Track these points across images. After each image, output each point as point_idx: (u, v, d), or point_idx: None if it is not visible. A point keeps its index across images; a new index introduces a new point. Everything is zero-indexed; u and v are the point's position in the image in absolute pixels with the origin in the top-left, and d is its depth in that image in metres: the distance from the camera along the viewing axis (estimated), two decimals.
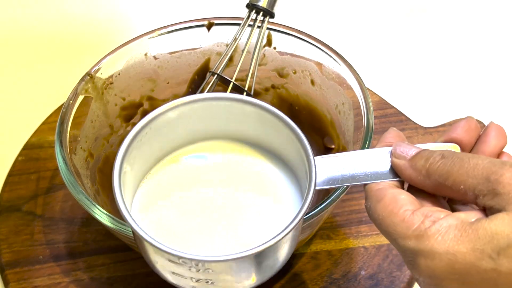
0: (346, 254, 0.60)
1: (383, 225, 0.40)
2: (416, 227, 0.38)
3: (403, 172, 0.41)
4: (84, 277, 0.59)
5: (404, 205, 0.39)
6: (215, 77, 0.59)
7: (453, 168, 0.39)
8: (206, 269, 0.40)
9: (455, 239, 0.37)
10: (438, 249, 0.37)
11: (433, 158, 0.40)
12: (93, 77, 0.59)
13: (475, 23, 0.83)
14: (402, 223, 0.39)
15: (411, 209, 0.39)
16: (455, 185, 0.39)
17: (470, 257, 0.36)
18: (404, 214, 0.39)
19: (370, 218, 0.41)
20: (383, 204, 0.40)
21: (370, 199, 0.41)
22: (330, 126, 0.62)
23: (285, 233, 0.39)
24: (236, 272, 0.41)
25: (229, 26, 0.62)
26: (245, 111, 0.45)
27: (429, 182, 0.40)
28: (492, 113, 0.73)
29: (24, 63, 0.81)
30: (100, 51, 0.61)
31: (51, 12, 0.87)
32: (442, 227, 0.37)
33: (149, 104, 0.65)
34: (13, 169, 0.67)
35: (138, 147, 0.44)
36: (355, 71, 0.58)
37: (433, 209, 0.39)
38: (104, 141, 0.61)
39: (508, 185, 0.37)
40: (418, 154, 0.41)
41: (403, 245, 0.39)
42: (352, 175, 0.42)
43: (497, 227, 0.36)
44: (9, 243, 0.61)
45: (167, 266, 0.41)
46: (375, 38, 0.83)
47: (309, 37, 0.61)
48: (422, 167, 0.40)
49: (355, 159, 0.43)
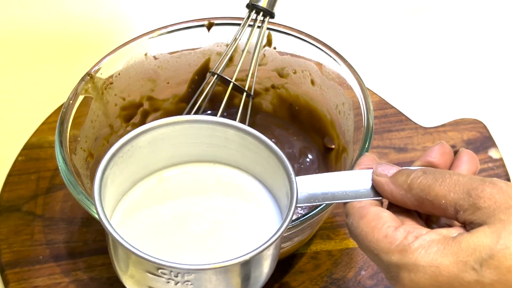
0: (346, 254, 0.60)
1: (365, 240, 0.40)
2: (399, 242, 0.39)
3: (385, 188, 0.42)
4: (84, 277, 0.59)
5: (387, 222, 0.40)
6: (215, 77, 0.59)
7: (435, 183, 0.40)
8: (185, 281, 0.39)
9: (438, 252, 0.37)
10: (422, 262, 0.37)
11: (414, 174, 0.41)
12: (93, 77, 0.59)
13: (475, 23, 0.83)
14: (385, 238, 0.39)
15: (393, 226, 0.40)
16: (436, 199, 0.39)
17: (453, 269, 0.37)
18: (387, 230, 0.39)
19: (351, 235, 0.42)
20: (366, 221, 0.41)
21: (352, 216, 0.42)
22: (330, 126, 0.62)
23: (266, 245, 0.40)
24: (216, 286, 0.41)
25: (229, 26, 0.62)
26: (227, 134, 0.46)
27: (410, 197, 0.41)
28: (492, 113, 0.73)
29: (24, 63, 0.81)
30: (100, 51, 0.61)
31: (51, 12, 0.87)
32: (425, 241, 0.38)
33: (149, 104, 0.65)
34: (13, 169, 0.67)
35: (119, 164, 0.44)
36: (355, 71, 0.58)
37: (415, 226, 0.40)
38: (104, 141, 0.61)
39: (488, 200, 0.38)
40: (399, 171, 0.42)
41: (386, 260, 0.39)
42: (332, 193, 0.43)
43: (479, 239, 0.37)
44: (9, 243, 0.61)
45: (143, 280, 0.41)
46: (375, 38, 0.83)
47: (309, 37, 0.61)
48: (404, 182, 0.41)
49: (336, 179, 0.44)
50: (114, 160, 0.43)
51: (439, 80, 0.77)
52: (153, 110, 0.65)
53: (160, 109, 0.65)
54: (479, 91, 0.76)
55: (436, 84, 0.77)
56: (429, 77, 0.78)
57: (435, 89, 0.76)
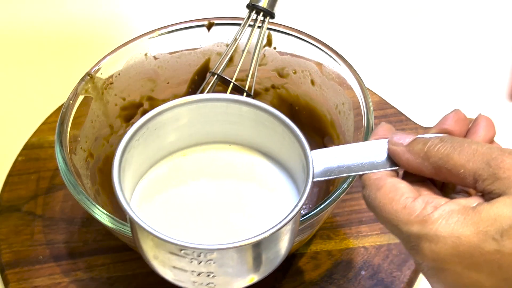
0: (346, 254, 0.60)
1: (383, 212, 0.40)
2: (419, 212, 0.38)
3: (401, 157, 0.42)
4: (84, 277, 0.59)
5: (405, 193, 0.40)
6: (215, 77, 0.59)
7: (453, 152, 0.39)
8: (208, 260, 0.40)
9: (459, 223, 0.37)
10: (443, 232, 0.37)
11: (431, 142, 0.40)
12: (93, 77, 0.59)
13: (475, 23, 0.83)
14: (404, 209, 0.39)
15: (411, 196, 0.39)
16: (455, 168, 0.39)
17: (474, 239, 0.37)
18: (405, 201, 0.39)
19: (368, 206, 0.42)
20: (383, 192, 0.40)
21: (368, 187, 0.42)
22: (330, 126, 0.62)
23: (286, 221, 0.40)
24: (238, 264, 0.41)
25: (229, 26, 0.62)
26: (241, 111, 0.46)
27: (427, 165, 0.40)
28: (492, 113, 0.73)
29: (24, 63, 0.81)
30: (100, 51, 0.61)
31: (51, 12, 0.87)
32: (444, 212, 0.38)
33: (149, 104, 0.65)
34: (13, 169, 0.67)
35: (136, 147, 0.44)
36: (355, 71, 0.58)
37: (432, 196, 0.40)
38: (104, 141, 0.61)
39: (508, 170, 0.37)
40: (415, 139, 0.42)
41: (406, 230, 0.39)
42: (348, 166, 0.43)
43: (499, 209, 0.37)
44: (9, 243, 0.61)
45: (167, 260, 0.41)
46: (375, 38, 0.83)
47: (309, 37, 0.61)
48: (420, 150, 0.41)
49: (351, 151, 0.44)
50: (131, 143, 0.43)
51: (439, 80, 0.77)
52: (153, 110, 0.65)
53: None
54: (479, 91, 0.76)
55: (436, 84, 0.77)
56: (429, 77, 0.78)
57: (436, 89, 0.76)
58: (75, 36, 0.84)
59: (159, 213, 0.45)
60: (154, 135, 0.45)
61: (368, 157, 0.43)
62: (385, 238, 0.61)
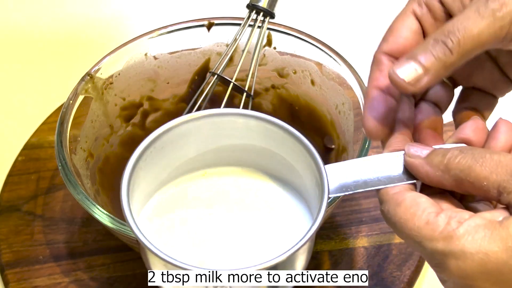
0: (346, 254, 0.60)
1: (405, 228, 0.38)
2: (443, 228, 0.37)
3: (419, 170, 0.40)
4: (84, 277, 0.59)
5: (427, 208, 0.38)
6: (215, 77, 0.59)
7: (475, 164, 0.38)
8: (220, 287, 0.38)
9: (486, 238, 0.36)
10: (470, 249, 0.36)
11: (450, 153, 0.39)
12: (93, 77, 0.59)
13: None
14: (426, 225, 0.37)
15: (434, 211, 0.38)
16: (477, 181, 0.38)
17: (502, 256, 0.35)
18: (428, 217, 0.38)
19: (387, 222, 0.40)
20: (403, 208, 0.39)
21: (387, 203, 0.40)
22: (330, 126, 0.62)
23: (302, 243, 0.38)
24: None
25: (229, 26, 0.62)
26: (249, 125, 0.44)
27: (448, 178, 0.39)
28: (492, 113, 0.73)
29: (24, 63, 0.81)
30: (100, 51, 0.61)
31: (51, 12, 0.87)
32: (470, 227, 0.36)
33: (149, 104, 0.65)
34: (13, 169, 0.67)
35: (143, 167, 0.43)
36: (355, 71, 0.58)
37: (456, 210, 0.38)
38: (104, 141, 0.61)
39: None
40: (434, 151, 0.40)
41: (430, 247, 0.37)
42: (364, 180, 0.41)
43: None
44: (9, 243, 0.61)
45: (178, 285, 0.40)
46: (375, 38, 0.83)
47: (309, 37, 0.61)
48: (440, 162, 0.39)
49: (366, 165, 0.42)
50: (139, 164, 0.42)
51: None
52: (153, 110, 0.65)
53: (160, 109, 0.65)
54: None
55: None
56: None
57: None
58: (75, 36, 0.84)
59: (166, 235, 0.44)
60: (162, 153, 0.44)
61: (384, 170, 0.41)
62: (385, 238, 0.61)
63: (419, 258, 0.59)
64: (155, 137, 0.43)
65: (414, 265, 0.59)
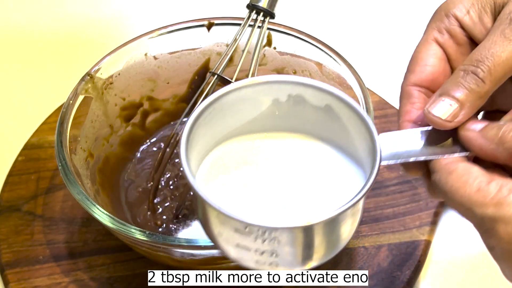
0: (346, 254, 0.60)
1: (456, 195, 0.39)
2: (494, 195, 0.38)
3: (473, 143, 0.41)
4: (84, 277, 0.59)
5: (478, 176, 0.39)
6: (215, 77, 0.59)
7: None
8: (272, 238, 0.40)
9: None
10: None
11: (506, 127, 0.39)
12: (93, 77, 0.59)
13: None
14: (478, 192, 0.38)
15: (485, 180, 0.39)
16: None
17: None
18: (479, 184, 0.39)
19: (438, 191, 0.41)
20: (455, 176, 0.40)
21: (439, 172, 0.41)
22: None
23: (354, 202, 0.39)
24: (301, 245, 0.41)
25: (229, 26, 0.62)
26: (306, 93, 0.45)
27: (502, 151, 0.39)
28: None
29: (24, 63, 0.81)
30: (100, 51, 0.61)
31: (51, 12, 0.87)
32: None
33: (149, 104, 0.65)
34: (13, 169, 0.67)
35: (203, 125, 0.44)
36: (355, 71, 0.58)
37: (507, 180, 0.39)
38: (104, 141, 0.61)
39: None
40: (488, 125, 0.41)
41: (480, 213, 0.38)
42: (417, 150, 0.42)
43: None
44: (9, 243, 0.61)
45: (231, 238, 0.41)
46: (375, 38, 0.83)
47: (309, 37, 0.61)
48: (494, 135, 0.40)
49: (419, 135, 0.43)
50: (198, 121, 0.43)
51: None
52: (153, 110, 0.65)
53: (160, 109, 0.65)
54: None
55: None
56: None
57: None
58: (75, 36, 0.84)
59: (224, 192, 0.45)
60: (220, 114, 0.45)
61: (437, 141, 0.42)
62: (385, 238, 0.61)
63: (419, 258, 0.59)
64: (214, 99, 0.44)
65: (414, 265, 0.59)
